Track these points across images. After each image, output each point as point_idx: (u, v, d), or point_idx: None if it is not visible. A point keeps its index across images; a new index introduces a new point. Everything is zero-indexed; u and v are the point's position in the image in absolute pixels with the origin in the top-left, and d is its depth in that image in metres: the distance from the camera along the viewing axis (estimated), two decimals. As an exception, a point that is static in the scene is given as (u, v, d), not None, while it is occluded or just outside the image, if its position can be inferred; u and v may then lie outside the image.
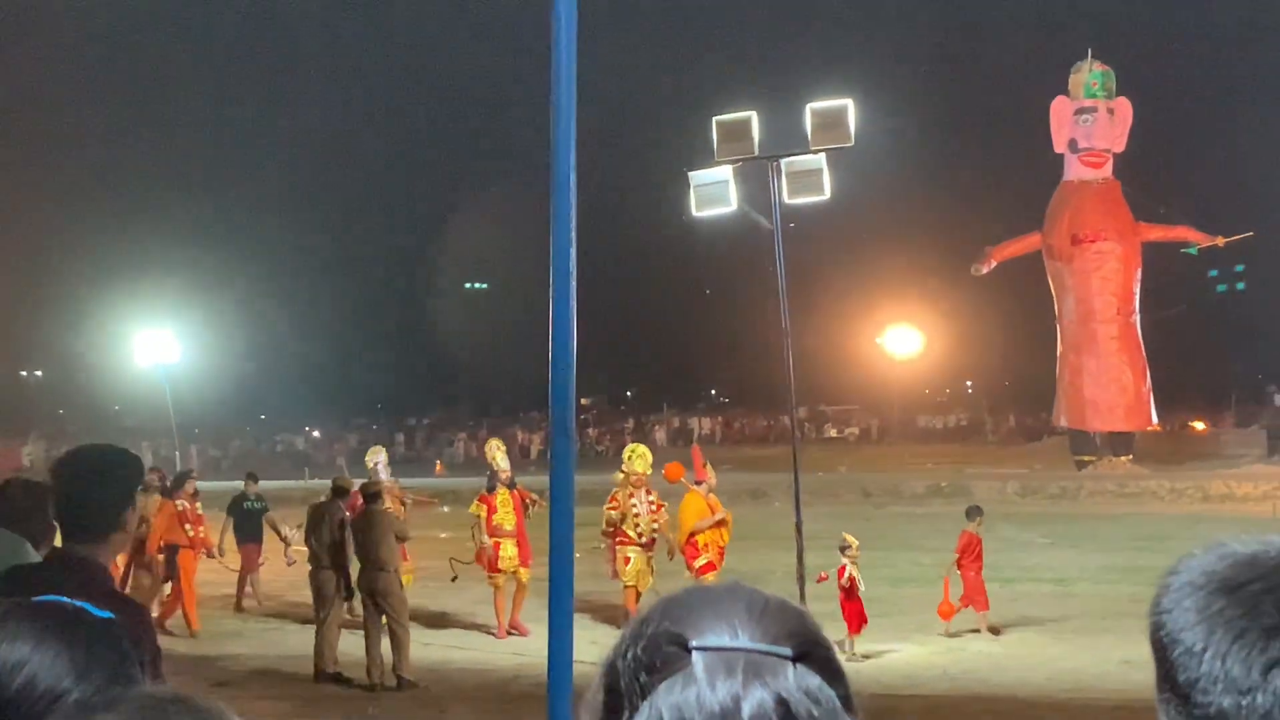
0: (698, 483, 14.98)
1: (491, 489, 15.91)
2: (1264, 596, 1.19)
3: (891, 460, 46.92)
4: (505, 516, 15.70)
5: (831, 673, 1.18)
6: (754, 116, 14.70)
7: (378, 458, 17.57)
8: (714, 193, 15.29)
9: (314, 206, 73.06)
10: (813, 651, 1.17)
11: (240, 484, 19.73)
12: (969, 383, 75.09)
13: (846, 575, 13.86)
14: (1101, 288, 39.95)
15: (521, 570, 15.43)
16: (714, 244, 44.69)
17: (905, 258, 57.43)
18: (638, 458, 15.36)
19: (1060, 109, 40.68)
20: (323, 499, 14.67)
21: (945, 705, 11.30)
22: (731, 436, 63.24)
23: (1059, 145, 40.89)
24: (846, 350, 55.62)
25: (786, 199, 14.70)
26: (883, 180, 55.52)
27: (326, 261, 71.54)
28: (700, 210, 15.60)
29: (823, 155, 14.57)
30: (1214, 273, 49.08)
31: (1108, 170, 40.64)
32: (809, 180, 14.71)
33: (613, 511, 15.02)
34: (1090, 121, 40.09)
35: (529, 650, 13.14)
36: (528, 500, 16.27)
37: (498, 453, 16.30)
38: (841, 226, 54.63)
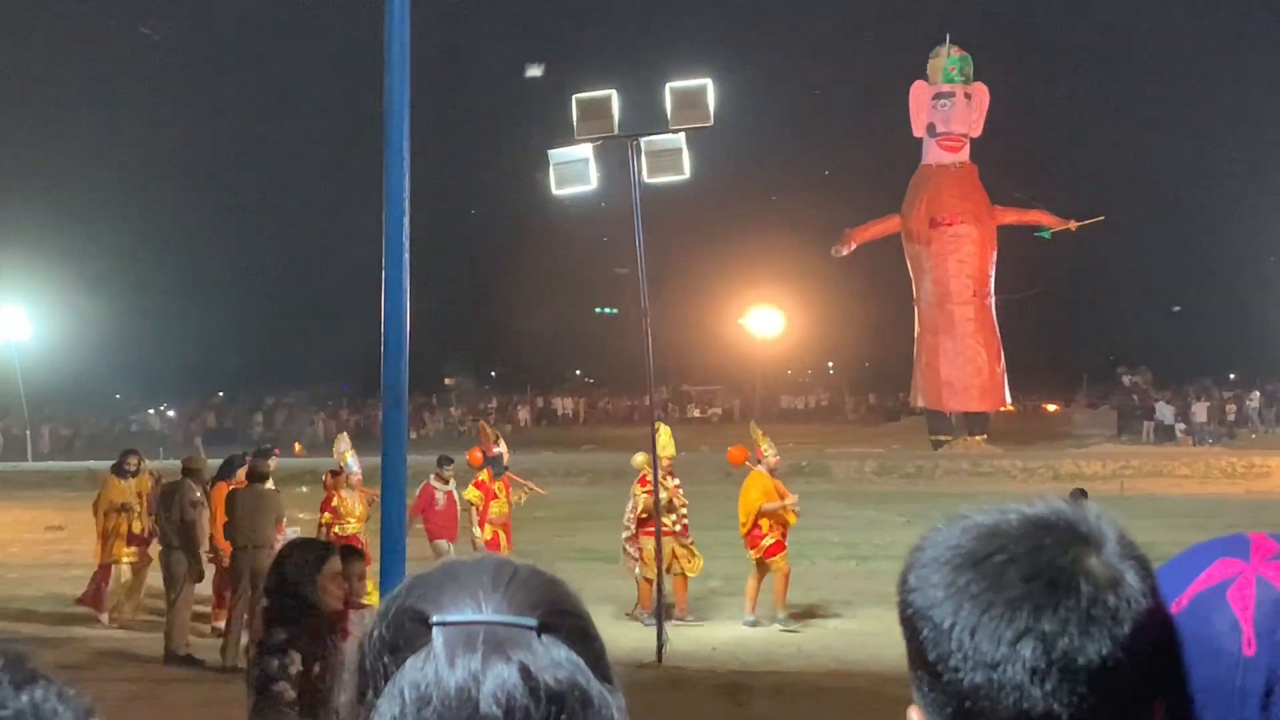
0: (758, 461, 14.84)
1: (499, 474, 15.61)
2: (1008, 567, 1.18)
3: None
4: (501, 505, 15.44)
5: (581, 641, 1.15)
6: (614, 94, 14.62)
7: (344, 446, 15.70)
8: (574, 171, 15.17)
9: (170, 182, 71.53)
10: (559, 621, 1.14)
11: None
12: (830, 364, 75.95)
13: None
14: (958, 270, 40.60)
15: None
16: (577, 223, 44.61)
17: (767, 239, 57.87)
18: (671, 440, 14.93)
19: (919, 93, 41.23)
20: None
21: (799, 681, 11.41)
22: (595, 417, 63.36)
23: (917, 129, 41.46)
24: (710, 331, 55.98)
25: (646, 178, 14.67)
26: (744, 161, 55.92)
27: (183, 238, 70.04)
28: (560, 189, 15.48)
29: (682, 135, 14.55)
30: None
31: (965, 154, 41.30)
32: (668, 159, 14.67)
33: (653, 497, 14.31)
34: (948, 106, 40.70)
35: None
36: (525, 486, 16.25)
37: (500, 438, 16.11)
38: (705, 207, 54.95)
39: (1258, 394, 51.64)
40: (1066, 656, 1.15)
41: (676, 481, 14.92)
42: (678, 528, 14.71)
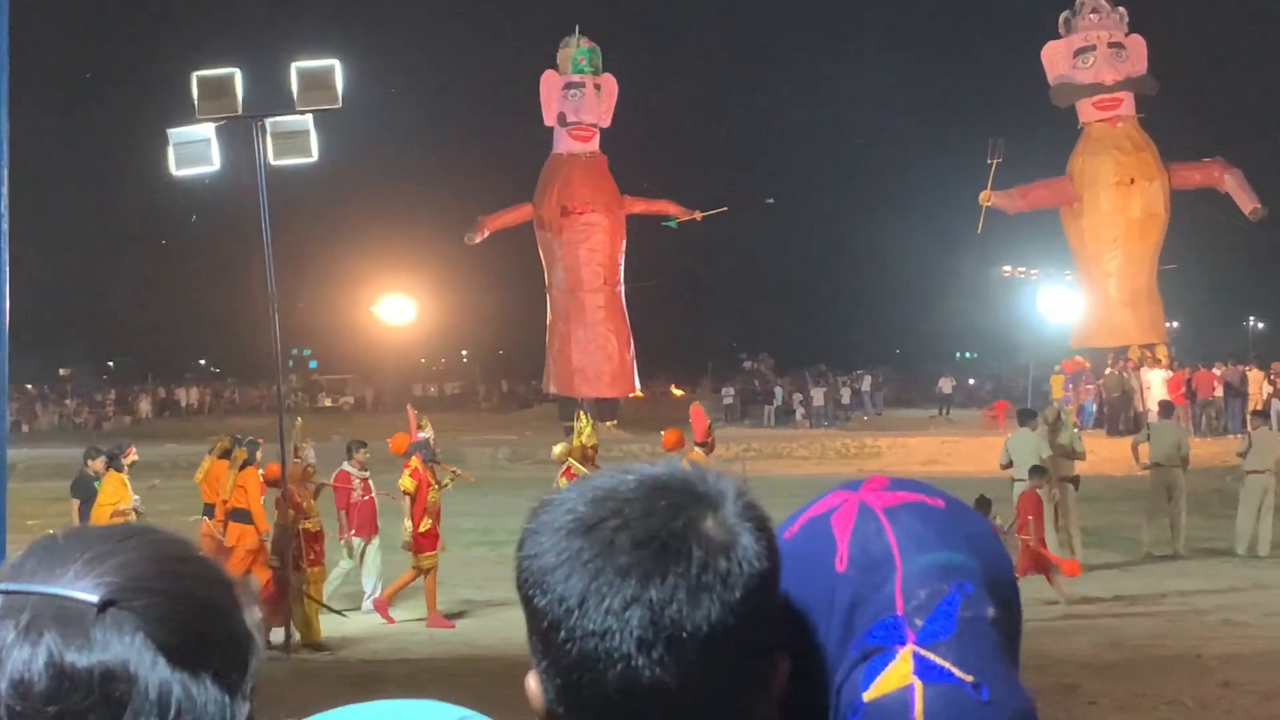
0: (700, 444, 14.25)
1: (428, 460, 14.59)
2: (619, 533, 1.15)
3: (386, 428, 46.69)
4: (435, 492, 14.48)
5: (164, 623, 1.03)
6: (238, 73, 14.21)
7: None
8: (195, 152, 14.68)
9: None
10: (134, 599, 1.02)
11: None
12: (464, 352, 76.06)
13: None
14: (589, 258, 41.15)
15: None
16: (198, 206, 43.19)
17: (399, 225, 57.43)
18: (592, 430, 14.27)
19: (549, 83, 41.57)
20: None
21: (430, 669, 11.36)
22: (221, 407, 61.52)
23: (549, 119, 41.78)
24: (340, 319, 55.12)
25: (272, 160, 14.32)
26: (376, 146, 55.28)
27: None
28: (180, 170, 14.98)
29: (309, 116, 14.28)
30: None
31: (595, 144, 41.87)
32: (295, 141, 14.36)
33: None
34: (578, 96, 41.18)
35: None
36: (450, 471, 15.55)
37: (426, 421, 15.20)
38: (336, 191, 54.08)
39: (868, 378, 54.34)
40: (674, 624, 1.13)
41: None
42: None
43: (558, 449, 14.44)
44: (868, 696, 1.21)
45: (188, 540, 1.15)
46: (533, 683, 1.23)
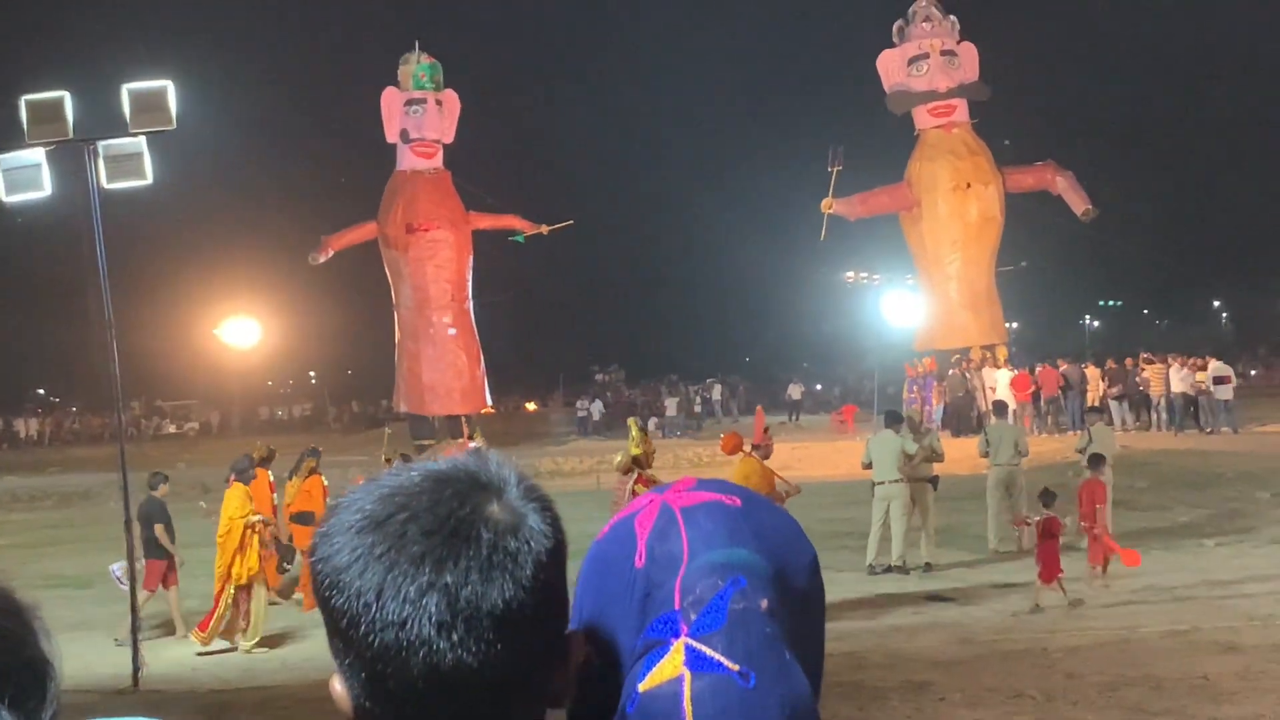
0: (756, 447, 14.14)
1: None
2: (409, 525, 1.19)
3: (234, 453, 45.96)
4: None
5: None
6: (67, 96, 13.90)
7: None
8: (25, 177, 14.31)
9: None
10: None
11: None
12: (312, 373, 75.13)
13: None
14: (436, 275, 40.86)
15: None
16: (31, 232, 42.14)
17: (240, 247, 56.54)
18: (646, 436, 13.98)
19: (390, 100, 41.24)
20: None
21: (283, 695, 11.20)
22: (62, 437, 59.95)
23: (391, 136, 41.44)
24: (182, 343, 54.00)
25: (105, 183, 14.02)
26: (214, 166, 54.38)
27: None
28: (10, 195, 14.57)
29: (143, 138, 14.01)
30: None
31: (439, 160, 41.61)
32: (129, 164, 14.08)
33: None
34: (420, 113, 40.90)
35: None
36: None
37: (479, 433, 14.71)
38: (172, 214, 53.06)
39: (719, 386, 54.70)
40: (471, 605, 1.17)
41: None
42: None
43: (619, 458, 14.24)
44: (642, 687, 1.28)
45: None
46: (338, 685, 1.25)
